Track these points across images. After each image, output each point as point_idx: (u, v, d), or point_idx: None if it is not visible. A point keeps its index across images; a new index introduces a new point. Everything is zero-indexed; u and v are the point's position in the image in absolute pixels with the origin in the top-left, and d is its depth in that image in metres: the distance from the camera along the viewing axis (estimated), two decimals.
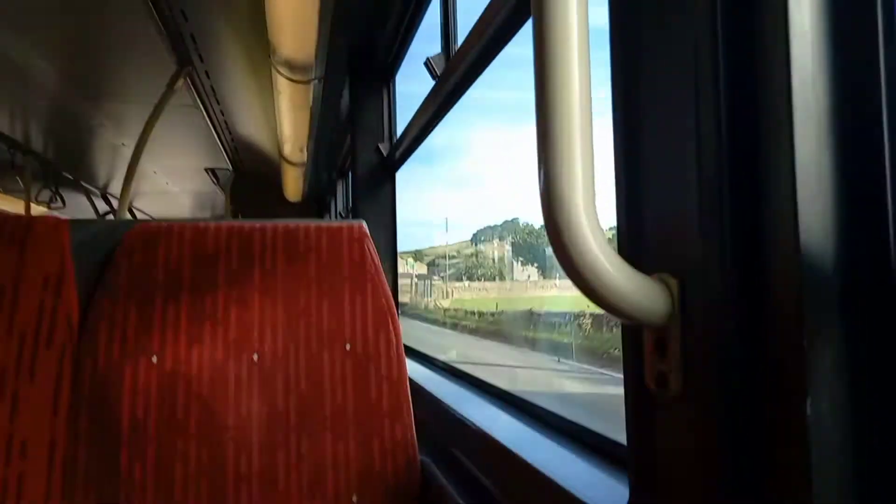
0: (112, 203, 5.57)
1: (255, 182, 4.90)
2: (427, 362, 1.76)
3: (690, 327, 0.45)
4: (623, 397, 0.52)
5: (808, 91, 0.39)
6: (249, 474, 0.98)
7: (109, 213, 5.39)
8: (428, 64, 1.50)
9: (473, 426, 1.00)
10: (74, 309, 1.00)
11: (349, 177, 3.85)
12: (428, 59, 1.50)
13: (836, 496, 0.38)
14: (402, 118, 2.13)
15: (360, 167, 2.15)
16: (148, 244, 1.04)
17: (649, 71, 0.49)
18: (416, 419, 1.07)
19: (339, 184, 4.41)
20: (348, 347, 1.06)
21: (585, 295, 0.45)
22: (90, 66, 2.52)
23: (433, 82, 1.51)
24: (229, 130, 3.50)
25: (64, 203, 4.30)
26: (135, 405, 0.97)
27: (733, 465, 0.42)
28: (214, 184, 5.00)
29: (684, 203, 0.45)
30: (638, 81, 0.50)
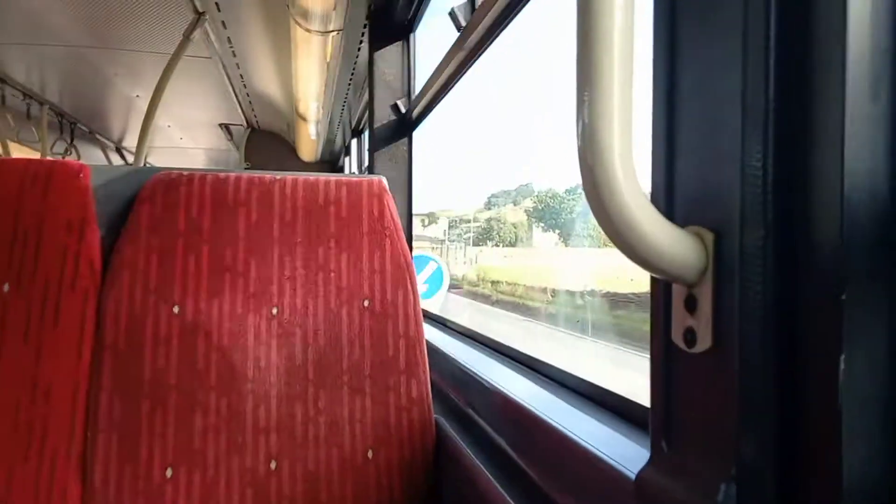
0: (126, 157, 5.58)
1: (270, 140, 4.88)
2: (441, 324, 1.76)
3: (724, 281, 0.43)
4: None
5: (864, 35, 0.37)
6: (268, 426, 1.00)
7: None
8: (452, 14, 1.46)
9: (489, 386, 1.01)
10: (97, 254, 1.01)
11: (364, 136, 3.82)
12: (453, 9, 1.46)
13: (867, 455, 0.38)
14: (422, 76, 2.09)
15: (377, 125, 2.12)
16: (169, 192, 1.04)
17: (692, 14, 0.46)
18: (431, 379, 1.08)
19: (354, 143, 4.37)
20: (366, 304, 1.06)
21: (617, 247, 0.44)
22: (106, 14, 2.48)
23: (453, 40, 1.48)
24: (245, 84, 3.46)
25: (79, 156, 4.32)
26: (156, 354, 0.98)
27: (760, 423, 0.42)
28: (228, 140, 4.98)
29: (725, 153, 0.43)
30: (680, 25, 0.48)
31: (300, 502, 0.99)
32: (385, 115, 2.09)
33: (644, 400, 0.68)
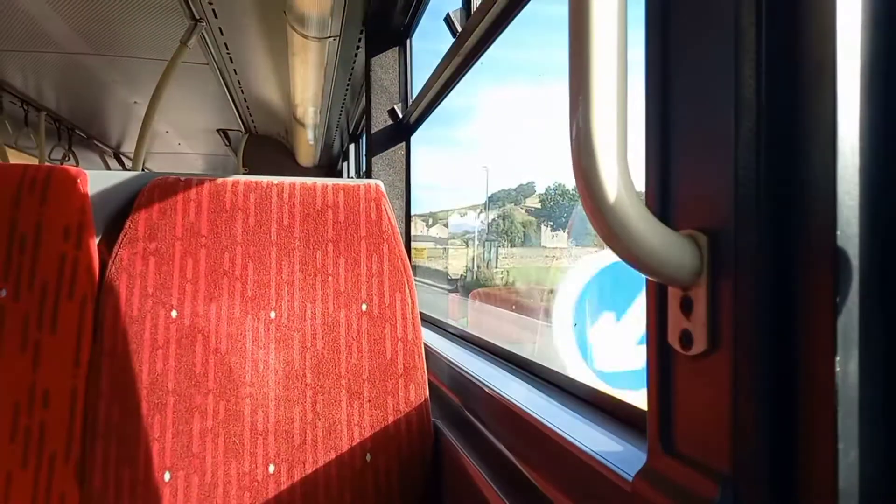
0: (125, 163, 5.58)
1: (268, 145, 4.88)
2: (439, 328, 1.76)
3: (719, 284, 0.44)
4: None
5: (855, 36, 0.37)
6: (266, 430, 1.00)
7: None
8: (448, 19, 1.47)
9: (487, 389, 1.01)
10: (95, 260, 1.01)
11: (362, 141, 3.82)
12: (448, 15, 1.47)
13: (862, 456, 0.38)
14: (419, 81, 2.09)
15: (375, 130, 2.12)
16: (166, 197, 1.04)
17: (685, 18, 0.47)
18: (429, 382, 1.08)
19: (352, 148, 4.38)
20: (364, 308, 1.06)
21: (612, 249, 0.44)
22: (103, 21, 2.49)
23: (446, 48, 1.48)
24: (242, 90, 3.47)
25: (77, 162, 4.32)
26: (154, 358, 0.98)
27: (756, 425, 0.42)
28: (226, 145, 4.98)
29: (718, 155, 0.43)
30: (673, 30, 0.48)
31: None
32: (382, 120, 2.10)
33: (641, 403, 0.68)
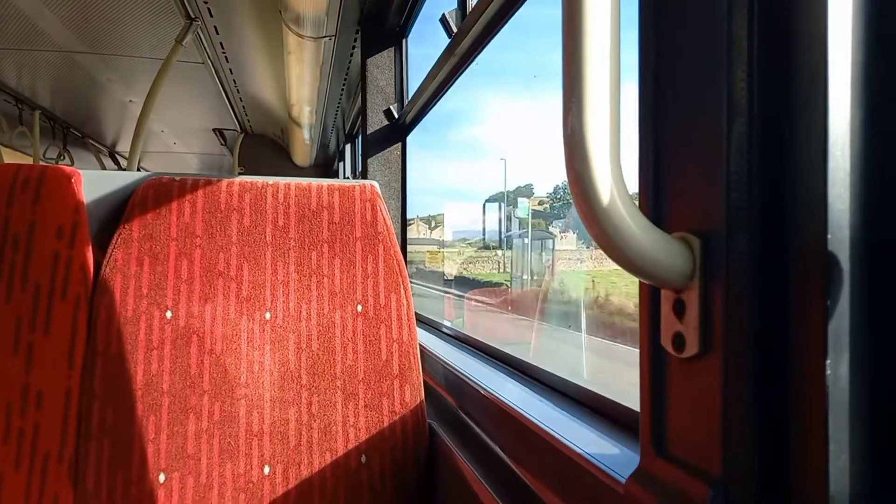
0: (120, 162, 5.56)
1: (264, 145, 4.88)
2: (435, 329, 1.76)
3: (711, 287, 0.44)
4: None
5: (845, 39, 0.38)
6: (261, 431, 1.00)
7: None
8: (443, 20, 1.47)
9: (482, 390, 1.01)
10: (89, 260, 1.01)
11: (358, 141, 3.82)
12: (444, 15, 1.47)
13: (853, 458, 0.38)
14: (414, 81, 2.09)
15: (370, 130, 2.12)
16: (160, 197, 1.04)
17: (678, 22, 0.47)
18: (424, 383, 1.08)
19: (348, 148, 4.38)
20: (360, 309, 1.06)
21: (605, 252, 0.44)
22: (99, 19, 2.48)
23: (441, 49, 1.48)
24: (238, 89, 3.46)
25: (72, 161, 4.30)
26: (149, 359, 0.98)
27: (748, 427, 0.42)
28: (222, 145, 4.97)
29: (711, 160, 0.43)
30: (665, 33, 0.48)
31: None
32: (378, 121, 2.10)
33: (634, 404, 0.68)
